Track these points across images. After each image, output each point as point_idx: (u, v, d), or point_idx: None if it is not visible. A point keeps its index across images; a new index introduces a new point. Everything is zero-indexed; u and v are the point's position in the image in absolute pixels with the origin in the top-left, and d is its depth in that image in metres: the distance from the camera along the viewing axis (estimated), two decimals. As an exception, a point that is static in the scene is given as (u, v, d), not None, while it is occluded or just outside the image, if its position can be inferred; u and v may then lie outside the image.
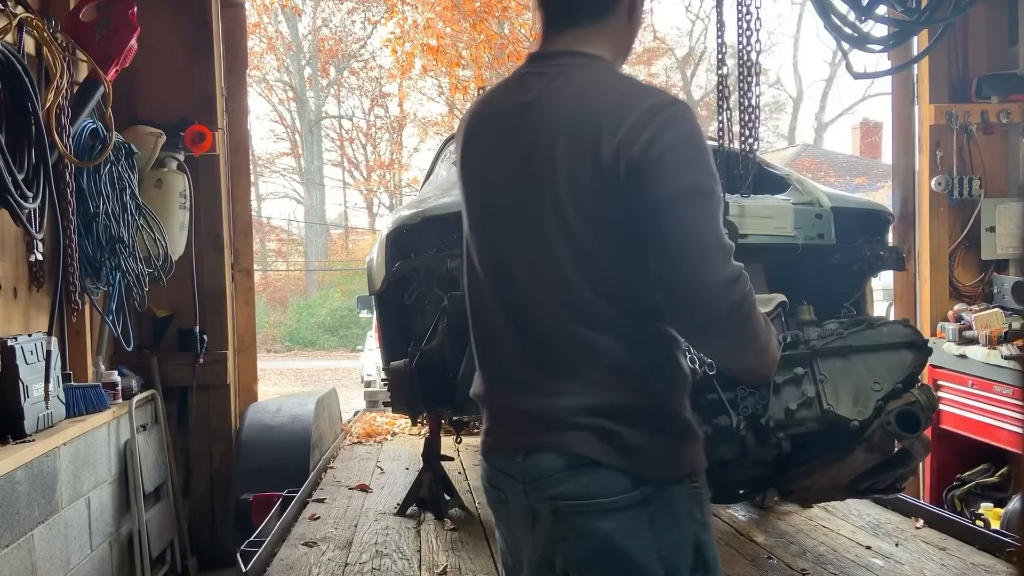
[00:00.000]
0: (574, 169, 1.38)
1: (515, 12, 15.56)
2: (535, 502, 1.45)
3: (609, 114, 1.36)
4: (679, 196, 1.33)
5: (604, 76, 1.44)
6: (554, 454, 1.42)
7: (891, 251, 3.02)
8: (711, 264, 1.32)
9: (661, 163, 1.33)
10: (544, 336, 1.45)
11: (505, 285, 1.49)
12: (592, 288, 1.41)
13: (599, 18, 1.46)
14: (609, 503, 1.38)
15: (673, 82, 22.85)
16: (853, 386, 2.55)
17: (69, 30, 3.49)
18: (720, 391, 2.47)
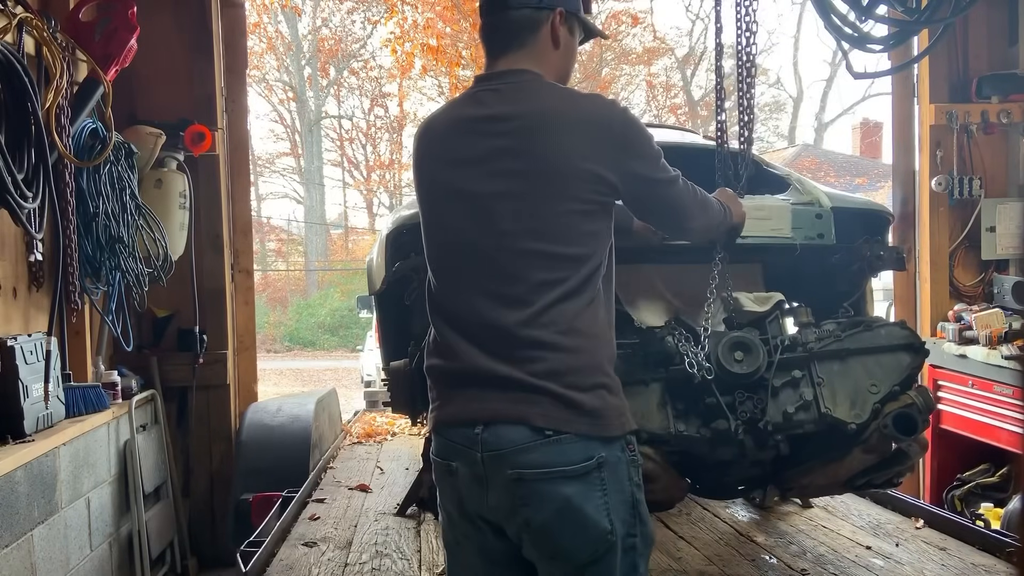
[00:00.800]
0: (559, 159, 1.64)
1: (515, 12, 15.50)
2: (492, 471, 1.59)
3: (575, 124, 1.66)
4: (664, 181, 1.76)
5: (559, 90, 1.75)
6: (520, 426, 1.58)
7: (891, 251, 3.02)
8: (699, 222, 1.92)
9: (639, 154, 1.70)
10: (510, 306, 1.63)
11: (474, 262, 1.67)
12: (559, 260, 1.63)
13: (526, 43, 1.74)
14: (570, 471, 1.57)
15: (673, 82, 22.85)
16: (850, 389, 2.55)
17: (69, 30, 3.49)
18: (718, 395, 2.47)
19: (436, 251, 1.77)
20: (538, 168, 1.64)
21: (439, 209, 1.76)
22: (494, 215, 1.66)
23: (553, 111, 1.68)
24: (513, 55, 1.75)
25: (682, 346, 2.49)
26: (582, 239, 1.66)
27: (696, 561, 3.07)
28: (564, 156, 1.64)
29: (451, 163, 1.72)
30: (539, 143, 1.65)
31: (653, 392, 2.52)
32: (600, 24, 19.49)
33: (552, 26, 1.75)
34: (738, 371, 2.47)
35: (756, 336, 2.54)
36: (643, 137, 1.73)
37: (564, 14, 1.76)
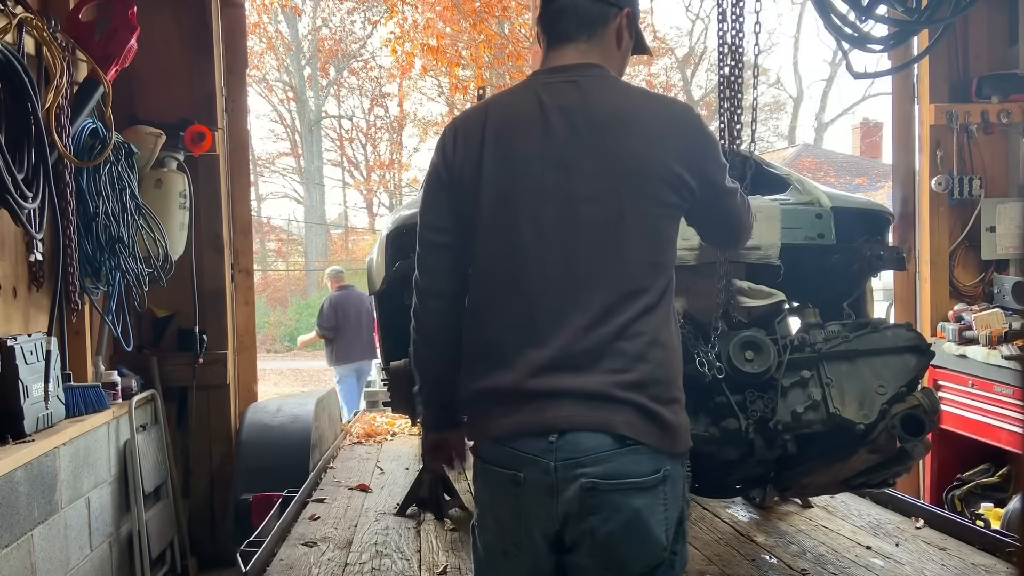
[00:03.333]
0: (649, 162, 1.60)
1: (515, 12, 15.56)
2: (563, 479, 1.54)
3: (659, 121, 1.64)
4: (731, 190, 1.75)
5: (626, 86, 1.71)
6: (600, 434, 1.54)
7: (891, 251, 3.02)
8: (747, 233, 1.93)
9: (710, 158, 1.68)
10: (591, 316, 1.57)
11: (552, 273, 1.60)
12: (647, 270, 1.60)
13: (595, 35, 1.71)
14: (642, 482, 1.55)
15: (673, 82, 22.84)
16: (858, 389, 2.56)
17: (69, 30, 3.49)
18: (729, 394, 2.47)
19: (499, 254, 1.64)
20: (625, 168, 1.59)
21: (508, 209, 1.63)
22: (579, 218, 1.59)
23: (638, 109, 1.64)
24: (581, 46, 1.69)
25: (692, 345, 2.49)
26: (664, 246, 1.63)
27: (696, 561, 3.07)
28: (651, 157, 1.60)
29: (526, 159, 1.62)
30: (626, 142, 1.60)
31: None
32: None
33: (619, 26, 1.72)
34: (749, 370, 2.47)
35: (765, 336, 2.54)
36: (716, 143, 1.72)
37: (630, 16, 1.73)
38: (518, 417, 1.59)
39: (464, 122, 1.72)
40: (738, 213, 1.80)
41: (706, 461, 2.62)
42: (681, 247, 2.70)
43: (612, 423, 1.54)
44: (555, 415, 1.56)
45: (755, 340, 2.51)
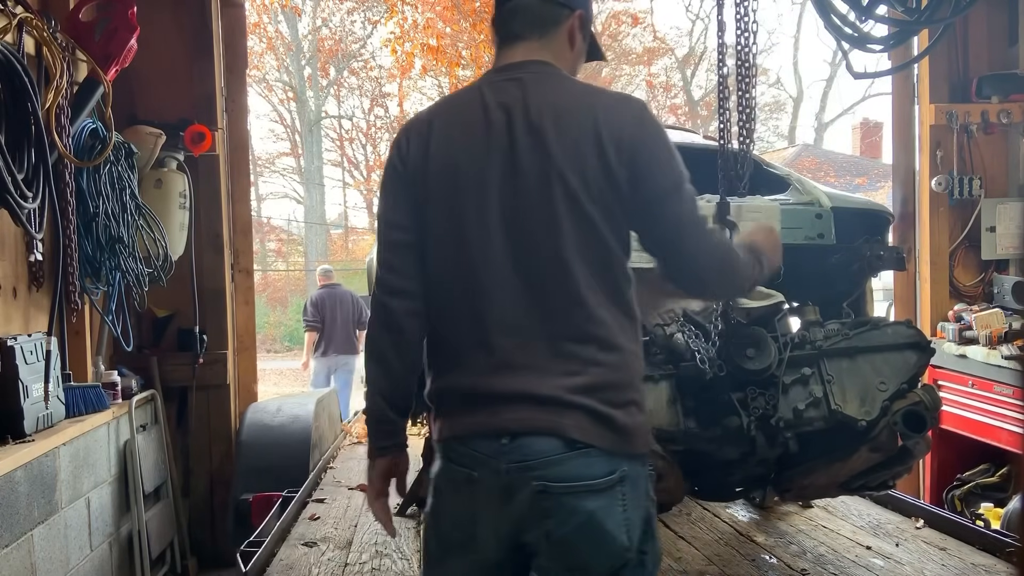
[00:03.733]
0: (585, 160, 1.56)
1: (515, 12, 15.51)
2: (517, 482, 1.54)
3: (601, 114, 1.58)
4: (677, 185, 1.61)
5: (576, 84, 1.68)
6: (550, 437, 1.54)
7: (891, 251, 3.02)
8: (707, 238, 1.67)
9: (655, 153, 1.59)
10: (539, 316, 1.57)
11: (508, 271, 1.58)
12: (592, 269, 1.57)
13: (547, 35, 1.70)
14: (595, 484, 1.54)
15: (673, 82, 22.85)
16: (859, 386, 2.56)
17: (69, 30, 3.48)
18: (730, 392, 2.47)
19: (449, 253, 1.62)
20: (560, 166, 1.55)
21: (453, 207, 1.61)
22: (521, 218, 1.57)
23: (579, 105, 1.60)
24: (532, 45, 1.68)
25: (692, 343, 2.49)
26: (608, 245, 1.58)
27: (696, 561, 3.07)
28: (586, 154, 1.55)
29: (469, 158, 1.60)
30: (561, 139, 1.56)
31: (662, 389, 2.52)
32: (600, 24, 19.52)
33: (571, 27, 1.70)
34: (750, 367, 2.47)
35: (766, 333, 2.54)
36: (666, 144, 1.62)
37: (583, 18, 1.72)
38: (474, 418, 1.60)
39: (415, 122, 1.72)
40: (692, 228, 1.62)
41: (706, 460, 2.61)
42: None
43: (562, 427, 1.53)
44: (508, 418, 1.55)
45: (756, 337, 2.51)
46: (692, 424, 2.50)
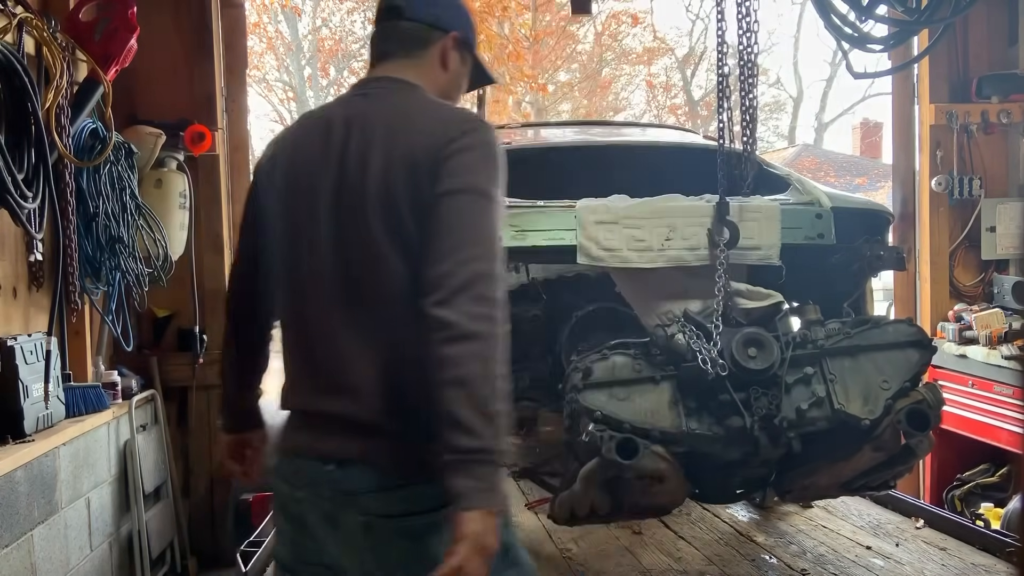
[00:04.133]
0: (397, 181, 1.50)
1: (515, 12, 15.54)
2: (342, 512, 1.51)
3: (424, 128, 1.53)
4: (459, 190, 1.47)
5: (420, 98, 1.63)
6: (369, 469, 1.49)
7: (891, 251, 3.02)
8: (474, 253, 1.44)
9: (452, 161, 1.49)
10: (361, 338, 1.52)
11: (331, 290, 1.55)
12: (399, 295, 1.50)
13: (412, 54, 1.68)
14: (420, 519, 1.48)
15: (673, 82, 22.85)
16: (862, 385, 2.56)
17: (69, 30, 3.48)
18: (732, 392, 2.47)
19: (285, 269, 1.62)
20: (375, 184, 1.51)
21: (289, 226, 1.60)
22: (344, 238, 1.53)
23: (405, 123, 1.55)
24: (398, 63, 1.67)
25: (694, 343, 2.49)
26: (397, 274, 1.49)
27: (696, 561, 3.07)
28: (397, 175, 1.50)
29: (308, 173, 1.58)
30: (382, 157, 1.51)
31: (664, 390, 2.52)
32: (599, 24, 19.52)
33: (443, 47, 1.68)
34: (752, 367, 2.47)
35: (768, 333, 2.54)
36: (486, 171, 1.51)
37: (458, 40, 1.70)
38: (303, 439, 1.59)
39: (276, 137, 1.74)
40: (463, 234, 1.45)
41: (709, 462, 2.61)
42: (680, 247, 2.71)
43: (381, 456, 1.48)
44: (330, 444, 1.53)
45: (758, 337, 2.51)
46: (694, 425, 2.49)
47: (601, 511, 2.61)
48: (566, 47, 18.68)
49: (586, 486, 2.50)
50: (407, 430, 1.48)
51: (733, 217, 2.69)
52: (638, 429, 2.43)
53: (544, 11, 17.10)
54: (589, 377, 2.49)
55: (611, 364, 2.53)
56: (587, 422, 2.45)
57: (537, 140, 4.54)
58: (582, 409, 2.47)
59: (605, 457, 2.37)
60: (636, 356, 2.55)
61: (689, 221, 2.73)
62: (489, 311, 1.42)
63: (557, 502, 2.69)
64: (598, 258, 2.73)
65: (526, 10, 16.07)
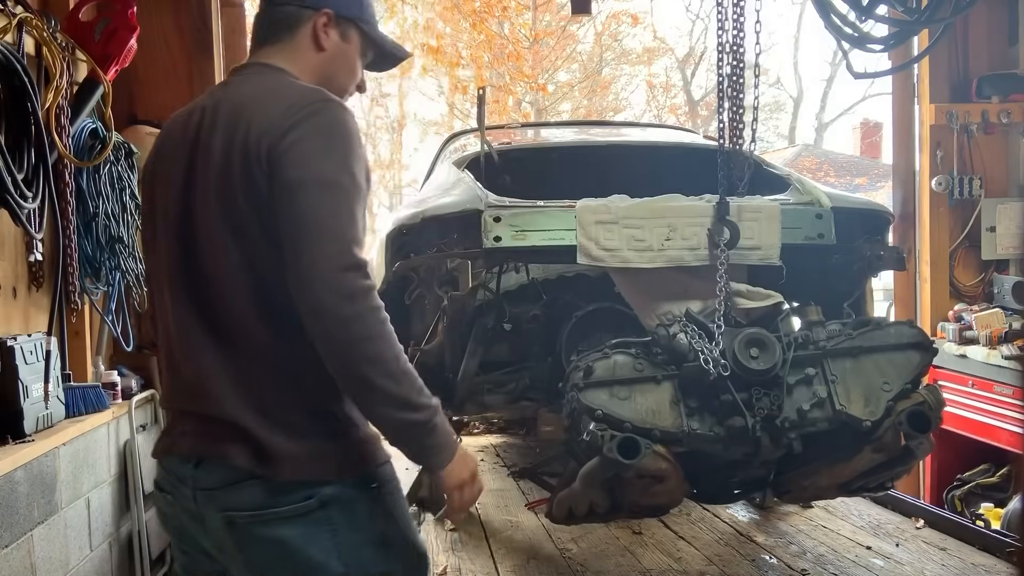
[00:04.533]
0: (233, 170, 1.44)
1: (515, 12, 15.56)
2: (205, 510, 1.48)
3: (261, 108, 1.46)
4: (301, 183, 1.39)
5: (273, 80, 1.55)
6: (222, 465, 1.46)
7: (891, 251, 3.02)
8: (325, 251, 1.36)
9: (291, 151, 1.40)
10: (214, 337, 1.48)
11: (184, 285, 1.51)
12: (254, 288, 1.45)
13: (281, 40, 1.61)
14: (284, 512, 1.43)
15: (673, 82, 22.85)
16: (863, 386, 2.56)
17: (69, 30, 3.48)
18: (734, 392, 2.47)
19: (154, 265, 1.60)
20: (217, 174, 1.46)
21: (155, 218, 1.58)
22: (196, 229, 1.49)
23: (252, 105, 1.47)
24: (269, 50, 1.61)
25: (696, 343, 2.49)
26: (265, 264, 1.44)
27: (696, 561, 3.07)
28: (235, 160, 1.44)
29: (172, 160, 1.55)
30: (226, 142, 1.45)
31: (665, 390, 2.52)
32: (599, 24, 19.51)
33: (314, 27, 1.60)
34: (754, 367, 2.47)
35: (769, 333, 2.54)
36: (332, 150, 1.43)
37: (334, 17, 1.61)
38: (169, 439, 1.57)
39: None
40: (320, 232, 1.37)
41: (709, 462, 2.61)
42: (680, 247, 2.71)
43: (235, 453, 1.44)
44: (191, 442, 1.51)
45: (760, 337, 2.51)
46: (695, 425, 2.49)
47: (600, 510, 2.61)
48: (566, 47, 18.67)
49: (586, 485, 2.50)
50: (258, 425, 1.44)
51: (733, 217, 2.69)
52: (639, 428, 2.43)
53: (544, 11, 17.09)
54: (590, 376, 2.49)
55: (612, 363, 2.53)
56: (588, 421, 2.45)
57: (537, 140, 4.55)
58: (583, 408, 2.47)
59: (606, 456, 2.37)
60: (637, 355, 2.55)
61: (689, 221, 2.73)
62: (357, 308, 1.36)
63: (556, 501, 2.69)
64: (598, 258, 2.73)
65: (526, 10, 16.08)
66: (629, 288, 2.83)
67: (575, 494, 2.56)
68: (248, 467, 1.44)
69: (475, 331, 3.14)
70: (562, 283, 3.39)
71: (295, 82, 1.55)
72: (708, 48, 20.38)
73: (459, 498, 1.55)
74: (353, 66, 1.68)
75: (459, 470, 1.52)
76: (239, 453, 1.44)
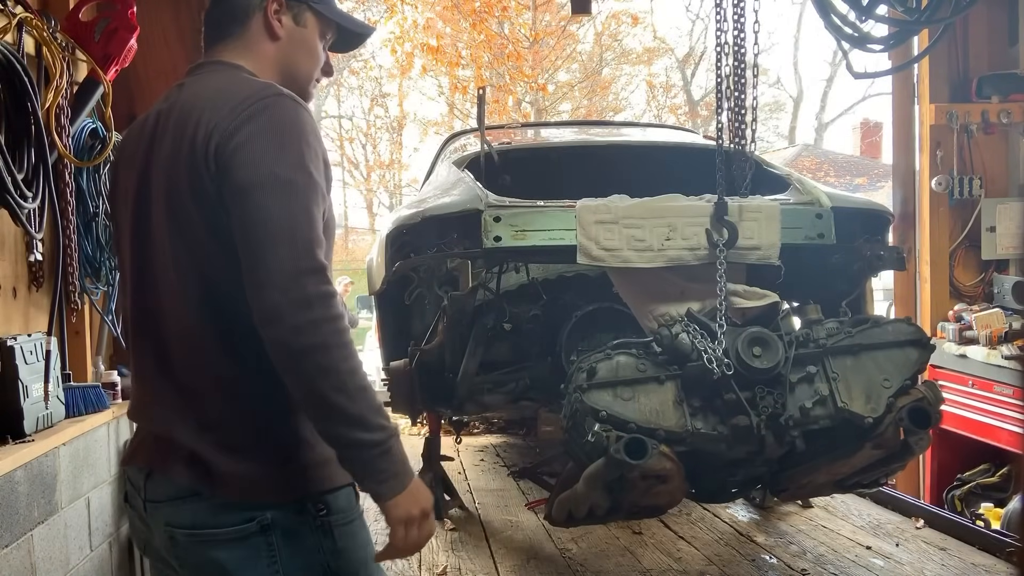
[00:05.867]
0: (180, 172, 1.38)
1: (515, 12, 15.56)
2: (153, 523, 1.45)
3: (210, 107, 1.38)
4: (253, 184, 1.32)
5: (225, 78, 1.47)
6: (167, 480, 1.41)
7: (891, 251, 3.03)
8: (280, 255, 1.29)
9: (241, 151, 1.34)
10: (164, 347, 1.44)
11: (140, 295, 1.48)
12: (202, 297, 1.39)
13: (232, 34, 1.52)
14: (222, 534, 1.37)
15: (673, 82, 22.85)
16: (864, 383, 2.57)
17: (69, 30, 3.48)
18: (738, 391, 2.47)
19: (120, 278, 1.60)
20: (167, 177, 1.41)
21: (118, 229, 1.55)
22: (149, 239, 1.44)
23: (202, 103, 1.40)
24: (219, 48, 1.53)
25: (698, 342, 2.49)
26: (216, 276, 1.39)
27: (696, 561, 3.07)
28: (182, 163, 1.38)
29: (128, 169, 1.50)
30: (175, 147, 1.40)
31: (668, 390, 2.52)
32: (599, 24, 19.50)
33: (265, 15, 1.52)
34: (758, 366, 2.47)
35: (772, 332, 2.55)
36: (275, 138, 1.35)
37: (284, 2, 1.53)
38: (131, 448, 1.55)
39: None
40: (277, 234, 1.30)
41: (710, 461, 2.61)
42: (680, 247, 2.72)
43: (178, 469, 1.39)
44: (144, 453, 1.47)
45: (763, 336, 2.52)
46: (699, 424, 2.50)
47: (599, 512, 2.61)
48: (566, 47, 18.66)
49: (590, 486, 2.50)
50: (199, 441, 1.39)
51: (733, 217, 2.70)
52: (643, 429, 2.43)
53: (544, 11, 17.09)
54: (594, 377, 2.49)
55: (615, 364, 2.53)
56: (592, 422, 2.45)
57: (537, 140, 4.55)
58: (587, 409, 2.47)
59: (613, 457, 2.36)
60: (639, 356, 2.55)
61: (689, 221, 2.73)
62: (313, 315, 1.28)
63: (556, 503, 2.69)
64: (598, 258, 2.73)
65: (526, 10, 16.07)
66: (627, 289, 2.83)
67: (577, 495, 2.56)
68: (189, 484, 1.38)
69: (475, 331, 3.14)
70: (562, 283, 3.39)
71: (247, 78, 1.47)
72: (708, 48, 20.39)
73: (403, 536, 1.38)
74: (313, 50, 1.58)
75: (408, 504, 1.38)
76: (181, 469, 1.39)
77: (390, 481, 1.36)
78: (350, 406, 1.31)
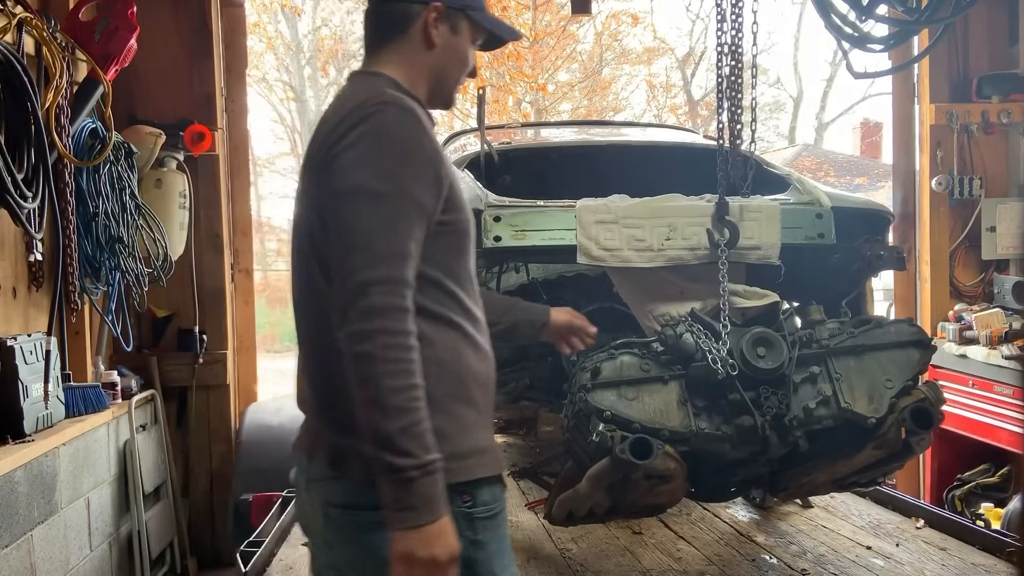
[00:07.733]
0: (310, 181, 1.48)
1: (515, 12, 15.55)
2: (312, 501, 1.53)
3: (331, 117, 1.47)
4: (340, 193, 1.39)
5: (356, 87, 1.53)
6: (318, 460, 1.51)
7: (891, 251, 3.02)
8: (354, 262, 1.35)
9: (337, 159, 1.41)
10: (308, 343, 1.55)
11: (293, 292, 1.58)
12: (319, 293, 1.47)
13: (390, 42, 1.55)
14: (373, 515, 1.37)
15: (673, 82, 22.85)
16: (867, 384, 2.57)
17: (69, 30, 3.48)
18: (742, 391, 2.47)
19: None
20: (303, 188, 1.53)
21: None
22: (297, 245, 1.55)
23: (327, 116, 1.50)
24: (376, 55, 1.56)
25: (703, 342, 2.49)
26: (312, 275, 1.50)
27: (696, 561, 3.07)
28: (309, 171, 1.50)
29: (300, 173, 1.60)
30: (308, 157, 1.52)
31: (672, 390, 2.52)
32: (599, 23, 19.53)
33: (424, 24, 1.53)
34: (762, 366, 2.47)
35: (775, 332, 2.55)
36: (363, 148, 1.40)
37: (443, 10, 1.53)
38: (297, 437, 1.63)
39: None
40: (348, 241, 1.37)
41: (712, 461, 2.61)
42: (680, 247, 2.71)
43: (323, 449, 1.49)
44: (306, 439, 1.58)
45: (767, 336, 2.52)
46: (703, 424, 2.50)
47: (600, 511, 2.61)
48: (566, 47, 18.66)
49: (593, 486, 2.50)
50: (333, 427, 1.48)
51: (733, 217, 2.69)
52: (648, 429, 2.43)
53: (544, 11, 17.09)
54: (598, 376, 2.49)
55: (619, 364, 2.53)
56: (596, 422, 2.45)
57: (537, 140, 4.54)
58: (591, 409, 2.46)
59: (619, 457, 2.36)
60: (643, 355, 2.55)
61: (689, 221, 2.73)
62: (372, 325, 1.31)
63: (557, 503, 2.69)
64: (598, 258, 2.73)
65: (526, 10, 16.07)
66: (627, 289, 2.83)
67: (579, 495, 2.56)
68: (333, 467, 1.47)
69: (475, 331, 3.13)
70: (562, 283, 3.39)
71: (367, 86, 1.50)
72: (708, 48, 20.39)
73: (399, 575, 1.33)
74: (464, 57, 1.61)
75: (415, 545, 1.30)
76: (328, 452, 1.48)
77: (405, 512, 1.31)
78: (383, 424, 1.31)
